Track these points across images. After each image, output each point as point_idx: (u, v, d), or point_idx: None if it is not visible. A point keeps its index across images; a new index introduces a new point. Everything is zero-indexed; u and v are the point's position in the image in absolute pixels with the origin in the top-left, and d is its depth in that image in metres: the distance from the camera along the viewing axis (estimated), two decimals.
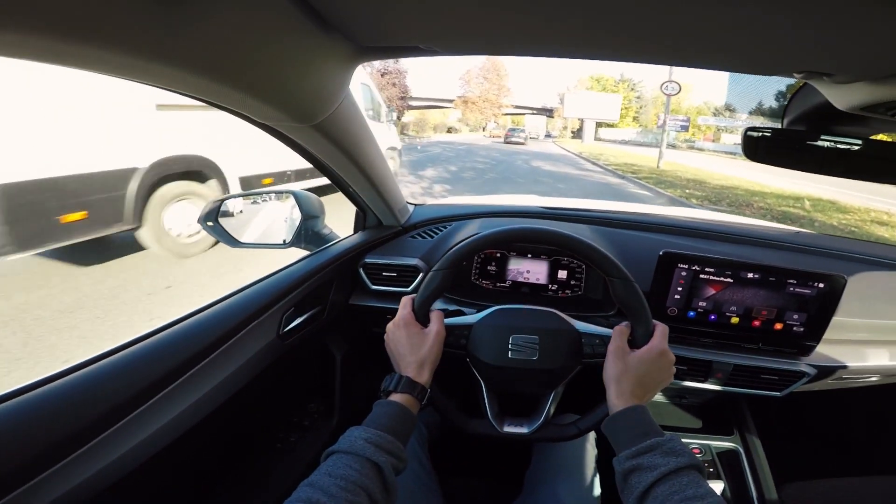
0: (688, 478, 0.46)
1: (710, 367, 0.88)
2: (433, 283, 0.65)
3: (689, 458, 0.48)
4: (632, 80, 48.55)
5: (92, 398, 0.49)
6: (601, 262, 0.63)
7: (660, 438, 0.50)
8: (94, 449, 0.47)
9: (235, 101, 0.50)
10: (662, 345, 0.61)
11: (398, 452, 0.49)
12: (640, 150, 26.91)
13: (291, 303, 0.81)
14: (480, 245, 0.66)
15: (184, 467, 0.63)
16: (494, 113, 45.82)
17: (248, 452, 0.83)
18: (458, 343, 0.66)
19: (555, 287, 0.99)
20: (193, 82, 0.41)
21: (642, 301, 0.62)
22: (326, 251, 0.95)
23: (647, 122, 45.38)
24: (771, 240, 1.04)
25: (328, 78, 0.56)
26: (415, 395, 0.57)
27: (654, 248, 0.86)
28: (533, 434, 0.65)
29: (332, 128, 0.66)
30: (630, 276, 0.62)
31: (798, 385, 0.86)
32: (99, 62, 0.34)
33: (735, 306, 0.85)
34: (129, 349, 0.56)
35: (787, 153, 0.68)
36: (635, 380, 0.58)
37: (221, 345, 0.66)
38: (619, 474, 0.51)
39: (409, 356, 0.61)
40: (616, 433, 0.54)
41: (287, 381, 0.91)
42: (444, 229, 1.11)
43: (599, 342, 0.64)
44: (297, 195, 0.97)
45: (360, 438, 0.48)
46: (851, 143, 0.63)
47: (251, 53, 0.42)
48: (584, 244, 0.64)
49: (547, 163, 15.59)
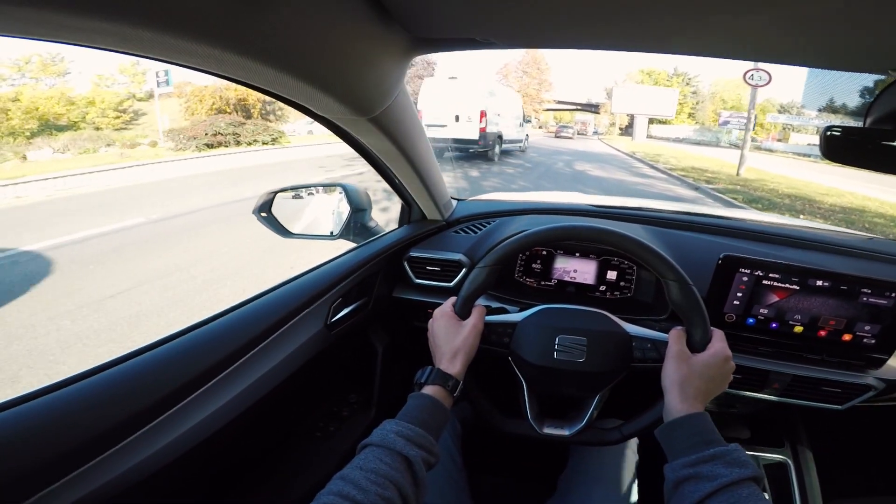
0: (747, 490, 0.44)
1: (767, 376, 0.84)
2: (477, 279, 0.65)
3: (752, 470, 0.46)
4: (686, 74, 45.80)
5: (145, 386, 0.52)
6: (656, 262, 0.62)
7: (724, 448, 0.49)
8: (141, 438, 0.50)
9: (300, 94, 0.51)
10: (727, 350, 0.59)
11: (429, 446, 0.50)
12: (702, 150, 23.53)
13: (339, 293, 0.85)
14: (527, 243, 0.66)
15: (228, 454, 0.67)
16: (535, 109, 44.93)
17: (288, 440, 0.88)
18: (500, 341, 0.66)
19: (603, 288, 0.97)
20: (262, 72, 0.43)
21: (700, 305, 0.60)
22: (373, 244, 0.98)
23: (703, 119, 42.82)
24: (841, 245, 0.98)
25: (387, 70, 0.57)
26: (447, 388, 0.58)
27: (713, 252, 0.84)
28: (574, 437, 0.65)
29: (388, 121, 0.68)
30: (688, 278, 0.61)
31: (862, 399, 0.82)
32: (180, 52, 0.36)
33: (800, 315, 0.81)
34: (182, 337, 0.59)
35: (871, 154, 0.64)
36: (700, 384, 0.56)
37: (272, 333, 0.70)
38: (671, 482, 0.49)
39: (444, 346, 0.62)
40: (673, 440, 0.53)
41: (330, 371, 0.96)
42: (488, 225, 1.11)
43: (651, 347, 0.63)
44: (346, 188, 1.01)
45: (392, 432, 0.49)
46: None
47: (316, 43, 0.44)
48: (638, 243, 0.63)
49: (594, 166, 12.74)
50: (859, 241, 1.00)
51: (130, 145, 12.03)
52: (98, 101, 16.40)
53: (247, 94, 19.33)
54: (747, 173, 11.34)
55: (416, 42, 0.56)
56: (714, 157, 17.68)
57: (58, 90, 16.48)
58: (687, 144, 30.50)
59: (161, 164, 9.25)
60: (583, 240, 0.67)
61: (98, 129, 14.27)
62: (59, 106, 15.26)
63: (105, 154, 10.87)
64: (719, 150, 25.71)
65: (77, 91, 17.04)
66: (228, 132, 12.60)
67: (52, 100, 15.28)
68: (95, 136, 11.66)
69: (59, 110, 15.19)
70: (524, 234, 0.66)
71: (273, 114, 21.42)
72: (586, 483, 0.73)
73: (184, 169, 9.22)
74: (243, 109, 20.42)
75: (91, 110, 15.94)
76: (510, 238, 0.67)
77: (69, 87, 17.71)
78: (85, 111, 15.82)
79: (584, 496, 0.71)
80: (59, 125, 14.74)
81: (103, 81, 17.83)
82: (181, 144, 11.76)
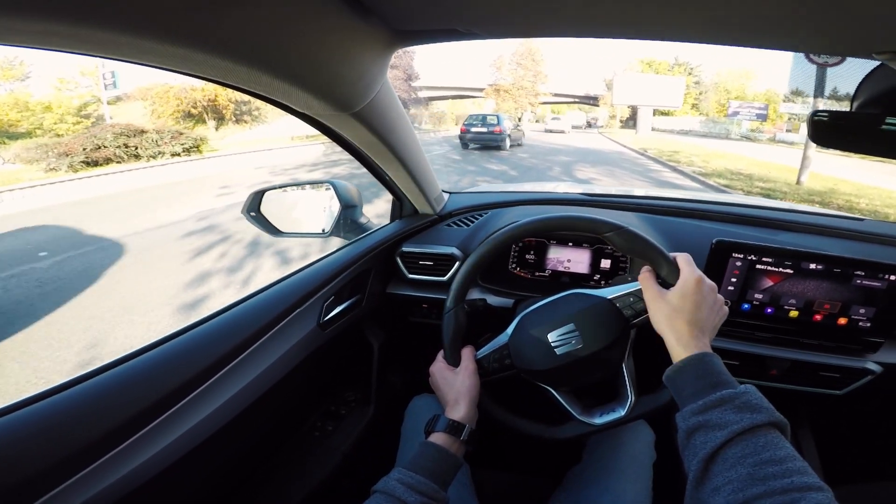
0: (765, 438, 0.42)
1: (765, 363, 0.89)
2: (450, 324, 0.70)
3: (767, 415, 0.44)
4: (688, 64, 46.43)
5: (139, 391, 0.54)
6: (589, 225, 0.66)
7: (732, 390, 0.47)
8: (140, 441, 0.52)
9: (278, 92, 0.53)
10: (696, 271, 0.60)
11: (431, 493, 0.54)
12: (715, 145, 20.85)
13: (332, 291, 0.88)
14: (475, 266, 0.71)
15: (226, 456, 0.68)
16: (531, 102, 45.28)
17: (285, 440, 0.90)
18: (504, 365, 0.69)
19: (598, 277, 1.02)
20: (235, 71, 0.44)
21: (648, 241, 0.63)
22: (365, 240, 1.02)
23: (707, 111, 43.48)
24: (834, 228, 1.03)
25: (367, 65, 0.59)
26: (453, 434, 0.62)
27: (707, 237, 0.88)
28: (631, 414, 0.66)
29: (371, 116, 0.70)
30: (620, 223, 0.65)
31: (861, 384, 0.86)
32: (144, 52, 0.37)
33: (794, 299, 0.85)
34: (173, 341, 0.61)
35: (859, 138, 0.70)
36: (688, 317, 0.56)
37: (264, 334, 0.72)
38: (682, 432, 0.48)
39: (446, 395, 0.68)
40: (680, 385, 0.52)
41: (326, 370, 0.98)
42: (481, 217, 1.16)
43: (634, 299, 0.65)
44: (335, 185, 1.04)
45: (394, 479, 0.54)
46: None
47: (291, 40, 0.45)
48: (563, 217, 0.68)
49: (599, 171, 10.63)
50: (851, 224, 1.06)
51: None
52: (56, 106, 15.88)
53: (216, 94, 18.93)
54: (812, 181, 9.34)
55: (397, 35, 0.59)
56: (741, 155, 15.52)
57: (13, 96, 16.04)
58: (693, 137, 29.24)
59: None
60: (528, 236, 0.71)
61: (59, 136, 13.62)
62: (14, 112, 14.84)
63: None
64: (730, 142, 24.23)
65: (38, 96, 16.55)
66: (117, 144, 11.08)
67: (6, 106, 14.86)
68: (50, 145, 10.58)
69: (14, 117, 14.79)
70: (468, 260, 0.71)
71: (249, 114, 21.04)
72: (603, 479, 0.74)
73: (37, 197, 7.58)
74: (213, 110, 20.02)
75: (48, 116, 15.40)
76: (460, 270, 0.72)
77: (28, 91, 17.26)
78: (42, 117, 15.29)
79: (598, 490, 0.72)
80: (14, 133, 14.31)
81: (65, 85, 17.32)
82: (52, 163, 9.96)
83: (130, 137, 11.68)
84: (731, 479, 0.40)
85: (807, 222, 1.05)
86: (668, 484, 0.76)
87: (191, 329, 0.65)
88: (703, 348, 0.54)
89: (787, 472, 0.39)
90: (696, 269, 0.60)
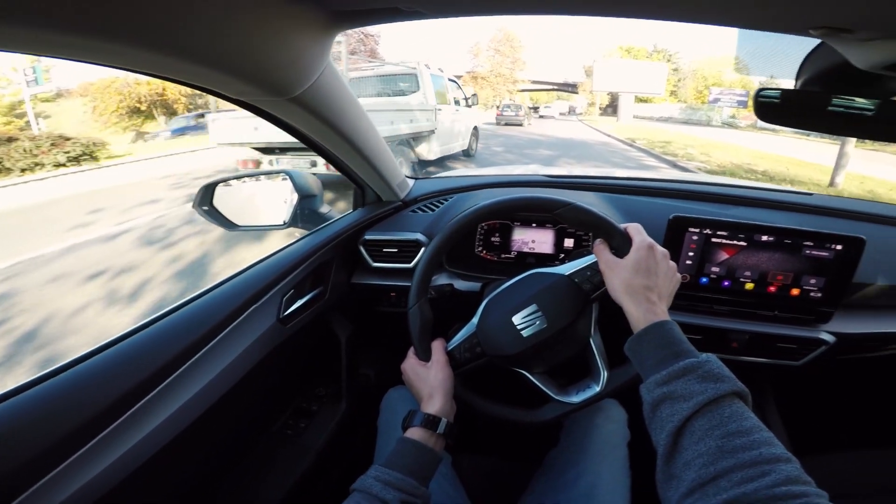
0: (729, 408, 0.43)
1: (726, 335, 0.93)
2: (416, 319, 0.71)
3: (731, 384, 0.45)
4: (667, 51, 47.01)
5: (89, 395, 0.53)
6: (540, 204, 0.69)
7: (694, 360, 0.48)
8: (95, 448, 0.51)
9: (203, 78, 0.52)
10: (647, 238, 0.62)
11: (409, 489, 0.55)
12: (700, 132, 20.23)
13: (290, 285, 0.87)
14: (434, 255, 0.72)
15: (191, 459, 0.68)
16: (509, 90, 45.20)
17: (256, 440, 0.90)
18: (475, 353, 0.70)
19: (562, 256, 1.05)
20: (154, 61, 0.43)
21: (596, 213, 0.66)
22: (324, 230, 1.01)
23: (686, 97, 44.54)
24: (785, 202, 1.08)
25: (303, 48, 0.58)
26: (429, 428, 0.63)
27: (665, 214, 0.91)
28: (606, 388, 0.68)
29: (313, 101, 0.69)
30: (568, 199, 0.68)
31: (816, 354, 0.91)
32: (57, 47, 0.36)
33: (749, 271, 0.89)
34: (119, 344, 0.60)
35: (801, 114, 0.74)
36: (643, 281, 0.58)
37: (218, 333, 0.71)
38: (648, 405, 0.49)
39: (420, 391, 0.69)
40: (642, 355, 0.53)
41: (292, 367, 0.98)
42: (446, 201, 1.17)
43: (591, 272, 0.67)
44: (291, 174, 1.02)
45: (371, 477, 0.55)
46: (864, 107, 0.70)
47: (215, 26, 0.44)
48: (515, 199, 0.70)
49: (586, 166, 9.44)
50: (801, 198, 1.11)
51: None
52: None
53: (164, 88, 18.05)
54: (849, 183, 8.04)
55: (335, 16, 0.58)
56: (738, 145, 14.36)
57: None
58: (674, 124, 28.87)
59: None
60: (483, 219, 0.73)
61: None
62: None
63: None
64: (713, 130, 23.92)
65: None
66: None
67: None
68: None
69: None
70: (425, 253, 0.73)
71: (205, 107, 19.97)
72: (577, 459, 0.76)
73: None
74: (163, 105, 19.15)
75: None
76: (419, 263, 0.73)
77: None
78: None
79: (576, 473, 0.74)
80: None
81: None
82: None
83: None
84: (700, 453, 0.41)
85: (759, 197, 1.10)
86: (643, 460, 0.80)
87: (138, 331, 0.63)
88: (661, 315, 0.55)
89: (755, 444, 0.40)
90: (647, 236, 0.63)
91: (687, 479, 0.41)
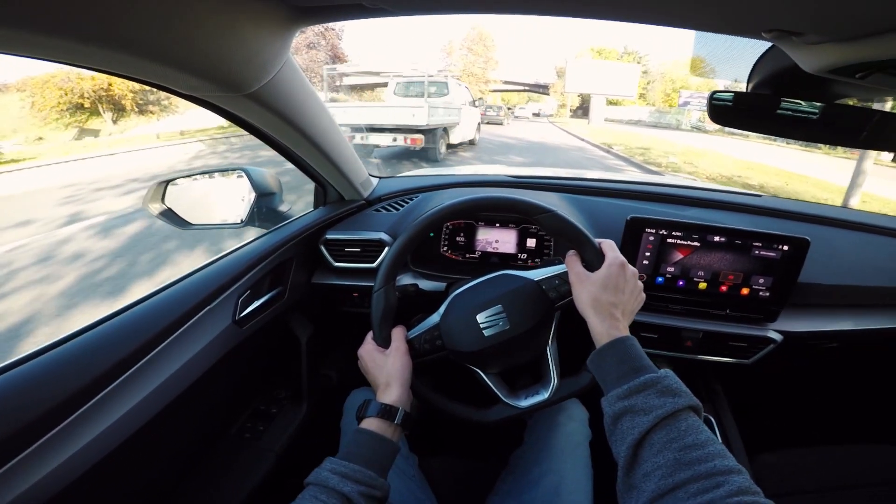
0: (686, 422, 0.46)
1: (680, 334, 0.97)
2: (379, 303, 0.70)
3: (687, 399, 0.48)
4: (637, 53, 48.45)
5: (20, 403, 0.50)
6: (521, 207, 0.70)
7: (654, 375, 0.50)
8: (30, 457, 0.48)
9: (150, 73, 0.50)
10: (620, 256, 0.64)
11: (368, 480, 0.53)
12: (673, 136, 20.55)
13: (247, 285, 0.85)
14: (410, 240, 0.72)
15: (140, 465, 0.66)
16: (481, 90, 45.63)
17: (211, 445, 0.88)
18: (434, 346, 0.70)
19: (524, 256, 1.07)
20: (95, 55, 0.42)
21: (574, 225, 0.67)
22: (283, 229, 0.99)
23: (654, 100, 45.97)
24: (735, 203, 1.14)
25: (261, 44, 0.57)
26: (386, 418, 0.62)
27: (623, 214, 0.94)
28: (553, 397, 0.68)
29: (272, 97, 0.68)
30: (550, 207, 0.69)
31: (765, 352, 0.96)
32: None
33: (702, 271, 0.94)
34: (59, 348, 0.57)
35: (752, 117, 0.77)
36: (611, 298, 0.60)
37: (168, 336, 0.69)
38: (609, 417, 0.51)
39: (377, 379, 0.68)
40: (604, 369, 0.55)
41: (250, 369, 0.96)
42: (411, 201, 1.17)
43: (559, 282, 0.68)
44: (248, 171, 1.00)
45: (326, 470, 0.53)
46: (810, 111, 0.73)
47: (163, 19, 0.43)
48: (497, 198, 0.71)
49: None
50: (750, 200, 1.17)
51: None
52: None
53: (110, 83, 17.05)
54: (869, 207, 6.56)
55: (296, 12, 0.57)
56: (719, 152, 13.81)
57: None
58: (643, 127, 29.32)
59: None
60: (460, 215, 0.74)
61: None
62: None
63: None
64: (683, 133, 24.46)
65: None
66: None
67: None
68: None
69: None
70: (398, 240, 0.72)
71: (157, 104, 19.15)
72: (541, 458, 0.77)
73: None
74: (110, 101, 18.02)
75: None
76: (391, 248, 0.73)
77: None
78: None
79: (540, 472, 0.75)
80: None
81: None
82: None
83: None
84: (659, 465, 0.44)
85: (711, 198, 1.16)
86: (604, 459, 0.82)
87: (78, 335, 0.61)
88: (623, 331, 0.58)
89: (710, 456, 0.43)
90: (620, 254, 0.65)
91: (647, 489, 0.43)
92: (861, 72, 0.54)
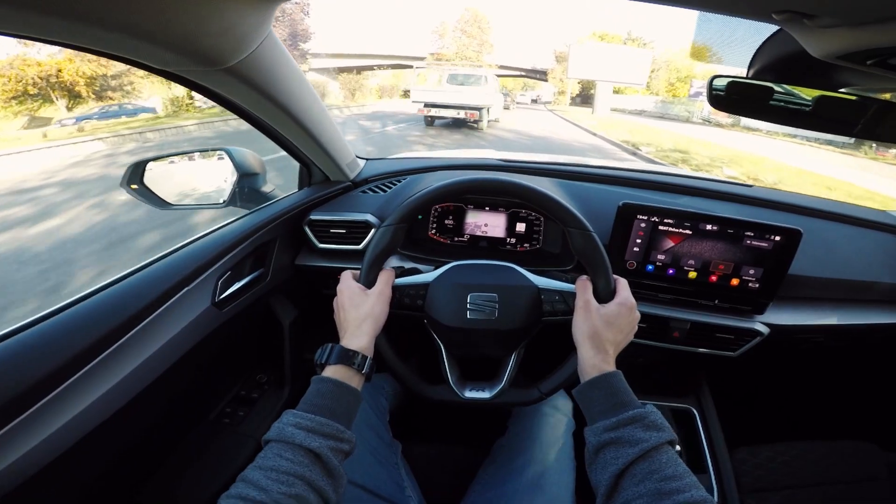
0: (666, 455, 0.49)
1: (668, 324, 0.97)
2: (382, 241, 0.66)
3: (668, 434, 0.51)
4: (641, 39, 47.90)
5: (1, 380, 0.50)
6: (561, 212, 0.67)
7: (641, 410, 0.52)
8: (7, 436, 0.48)
9: (118, 46, 0.48)
10: (631, 299, 0.64)
11: (336, 434, 0.50)
12: (688, 130, 17.82)
13: (227, 266, 0.84)
14: (436, 196, 0.68)
15: (115, 450, 0.65)
16: None
17: (189, 430, 0.87)
18: (414, 304, 0.68)
19: (513, 241, 1.06)
20: (57, 27, 0.40)
21: (603, 253, 0.65)
22: (266, 209, 0.98)
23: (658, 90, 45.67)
24: (728, 193, 1.14)
25: (239, 14, 0.55)
26: (352, 365, 0.57)
27: (615, 201, 0.93)
28: (494, 399, 0.68)
29: (251, 72, 0.66)
30: (590, 226, 0.66)
31: (752, 345, 0.96)
32: None
33: (693, 260, 0.93)
34: (28, 330, 0.56)
35: (746, 105, 0.75)
36: (610, 336, 0.61)
37: (144, 318, 0.67)
38: (592, 447, 0.53)
39: (348, 318, 0.63)
40: (591, 401, 0.56)
41: (230, 353, 0.95)
42: (399, 183, 1.16)
43: (559, 299, 0.67)
44: (230, 152, 0.98)
45: (289, 424, 0.49)
46: (803, 101, 0.71)
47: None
48: (543, 194, 0.68)
49: None
50: (742, 190, 1.17)
51: None
52: None
53: (59, 68, 15.83)
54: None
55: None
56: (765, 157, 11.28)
57: None
58: (648, 118, 26.84)
59: None
60: (490, 192, 0.71)
61: None
62: None
63: None
64: (697, 127, 21.64)
65: None
66: None
67: None
68: None
69: None
70: (431, 188, 0.68)
71: (119, 89, 17.78)
72: (525, 448, 0.78)
73: None
74: (62, 88, 16.65)
75: None
76: (416, 194, 0.68)
77: None
78: None
79: (523, 461, 0.76)
80: None
81: None
82: None
83: None
84: (641, 494, 0.46)
85: (703, 188, 1.15)
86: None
87: (48, 317, 0.59)
88: (611, 366, 0.60)
89: (687, 487, 0.46)
90: (632, 296, 0.65)
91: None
92: (873, 58, 0.53)
